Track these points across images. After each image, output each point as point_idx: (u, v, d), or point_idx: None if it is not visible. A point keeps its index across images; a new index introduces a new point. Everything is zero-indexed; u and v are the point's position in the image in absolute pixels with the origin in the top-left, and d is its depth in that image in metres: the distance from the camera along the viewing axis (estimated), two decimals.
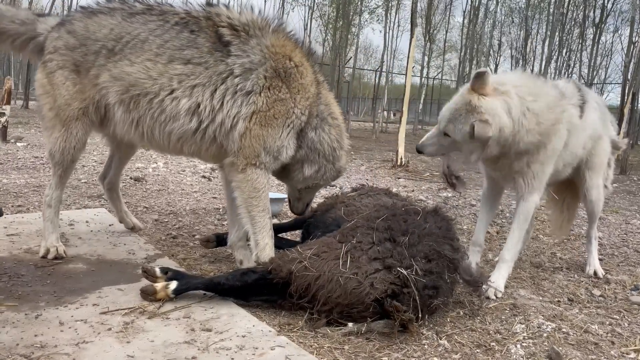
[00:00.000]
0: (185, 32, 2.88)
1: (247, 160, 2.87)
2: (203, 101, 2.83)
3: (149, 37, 2.89)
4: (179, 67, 2.84)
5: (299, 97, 2.91)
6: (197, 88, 2.83)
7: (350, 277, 2.40)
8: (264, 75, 2.85)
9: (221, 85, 2.83)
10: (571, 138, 3.21)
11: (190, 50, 2.85)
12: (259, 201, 2.92)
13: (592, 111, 3.42)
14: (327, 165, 3.13)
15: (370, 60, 49.83)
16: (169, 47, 2.86)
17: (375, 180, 8.14)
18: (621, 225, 5.68)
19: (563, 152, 3.21)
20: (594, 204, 3.71)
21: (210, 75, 2.83)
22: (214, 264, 3.30)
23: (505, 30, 33.45)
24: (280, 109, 2.87)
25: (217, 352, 2.07)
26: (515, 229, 3.25)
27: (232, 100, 2.84)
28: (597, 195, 3.68)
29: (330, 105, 3.13)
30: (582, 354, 2.40)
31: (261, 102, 2.84)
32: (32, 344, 2.02)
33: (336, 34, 24.05)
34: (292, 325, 2.43)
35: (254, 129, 2.84)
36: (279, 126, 2.88)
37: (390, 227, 2.62)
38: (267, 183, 2.95)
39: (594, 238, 3.87)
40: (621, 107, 15.46)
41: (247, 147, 2.86)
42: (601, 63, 31.38)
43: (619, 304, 3.13)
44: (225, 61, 2.83)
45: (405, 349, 2.27)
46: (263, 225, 2.94)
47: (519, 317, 2.76)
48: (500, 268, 3.21)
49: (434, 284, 2.48)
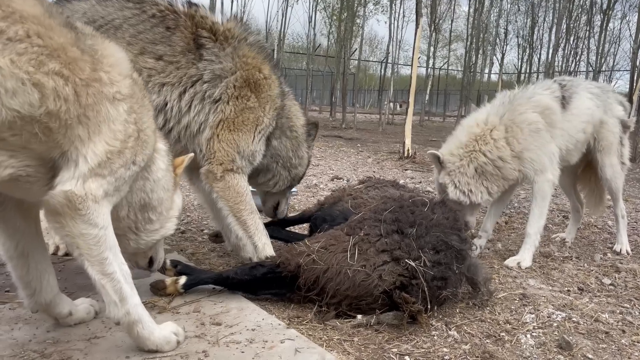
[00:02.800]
0: (160, 27, 2.78)
1: (223, 167, 2.85)
2: (170, 101, 2.78)
3: (123, 24, 2.76)
4: (150, 61, 2.75)
5: (267, 107, 2.92)
6: (167, 87, 2.77)
7: (358, 270, 2.40)
8: (234, 84, 2.82)
9: (190, 89, 2.79)
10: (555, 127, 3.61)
11: (163, 47, 2.76)
12: (245, 205, 2.91)
13: (584, 100, 3.80)
14: (283, 173, 3.20)
15: (375, 52, 49.59)
16: (141, 39, 2.76)
17: (382, 172, 8.12)
18: (631, 214, 5.63)
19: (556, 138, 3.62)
20: (610, 181, 4.00)
21: (180, 76, 2.77)
22: (223, 258, 3.31)
23: (512, 19, 33.12)
24: (249, 116, 2.86)
25: (227, 346, 2.09)
26: (535, 207, 3.64)
27: (200, 105, 2.81)
28: (612, 173, 3.98)
29: (291, 118, 3.17)
30: (593, 343, 2.39)
31: (229, 110, 2.82)
32: (45, 340, 2.05)
33: (341, 25, 23.93)
34: (302, 318, 2.44)
35: (222, 134, 2.82)
36: (249, 131, 2.87)
37: (398, 219, 2.62)
38: (248, 186, 2.95)
39: (620, 217, 4.10)
40: (630, 94, 15.31)
41: (219, 152, 2.83)
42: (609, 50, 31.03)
43: (630, 293, 3.11)
44: (197, 65, 2.78)
45: (415, 340, 2.28)
46: (255, 226, 2.94)
47: (528, 307, 2.75)
48: (526, 243, 3.60)
49: (442, 275, 2.48)
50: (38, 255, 2.05)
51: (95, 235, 1.76)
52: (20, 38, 1.53)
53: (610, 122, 3.93)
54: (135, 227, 2.11)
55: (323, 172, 7.77)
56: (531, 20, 30.33)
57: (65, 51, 1.63)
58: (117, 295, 1.84)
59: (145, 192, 2.05)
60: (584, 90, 3.86)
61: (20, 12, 1.55)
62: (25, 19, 1.56)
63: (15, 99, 1.52)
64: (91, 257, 1.78)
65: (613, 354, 2.31)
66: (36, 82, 1.55)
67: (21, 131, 1.59)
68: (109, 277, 1.81)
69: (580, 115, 3.75)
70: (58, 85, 1.59)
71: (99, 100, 1.73)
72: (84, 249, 1.77)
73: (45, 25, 1.60)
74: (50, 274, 2.09)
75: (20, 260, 2.00)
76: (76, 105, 1.65)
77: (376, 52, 48.92)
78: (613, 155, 3.97)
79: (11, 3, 1.54)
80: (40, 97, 1.56)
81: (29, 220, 2.01)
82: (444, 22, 32.12)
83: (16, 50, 1.52)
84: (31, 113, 1.57)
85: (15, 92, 1.52)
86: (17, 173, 1.67)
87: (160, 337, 1.98)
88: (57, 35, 1.62)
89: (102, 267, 1.80)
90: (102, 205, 1.76)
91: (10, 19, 1.52)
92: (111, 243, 1.81)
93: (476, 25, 25.12)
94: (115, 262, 1.83)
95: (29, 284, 2.03)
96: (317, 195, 5.55)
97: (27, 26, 1.55)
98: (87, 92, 1.69)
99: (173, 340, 2.02)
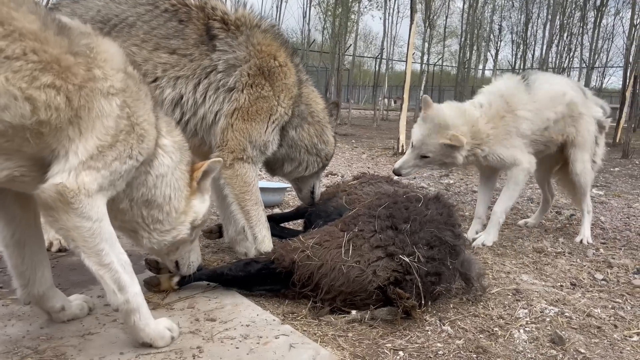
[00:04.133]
0: (173, 21, 2.80)
1: (233, 155, 2.85)
2: (186, 93, 2.79)
3: (137, 21, 2.80)
4: (164, 55, 2.77)
5: (282, 95, 2.91)
6: (181, 80, 2.78)
7: (352, 266, 2.41)
8: (247, 72, 2.82)
9: (204, 80, 2.80)
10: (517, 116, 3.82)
11: (176, 40, 2.78)
12: (251, 195, 2.91)
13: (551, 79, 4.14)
14: (311, 158, 3.18)
15: (370, 48, 49.53)
16: (155, 35, 2.78)
17: (377, 168, 8.13)
18: (623, 209, 5.67)
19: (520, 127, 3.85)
20: (580, 176, 4.14)
21: (194, 69, 2.78)
22: (217, 254, 3.31)
23: (506, 15, 33.23)
24: (262, 105, 2.85)
25: (222, 342, 2.09)
26: (505, 190, 3.96)
27: (215, 95, 2.82)
28: (581, 169, 4.12)
29: (311, 104, 3.16)
30: (585, 337, 2.41)
31: (243, 98, 2.82)
32: (39, 336, 2.04)
33: (335, 21, 23.87)
34: (296, 314, 2.44)
35: (236, 124, 2.83)
36: (263, 121, 2.87)
37: (392, 215, 2.62)
38: (256, 176, 2.95)
39: (586, 212, 4.26)
40: (623, 91, 15.38)
41: (231, 141, 2.84)
42: (602, 46, 31.15)
43: (622, 288, 3.13)
44: (210, 56, 2.79)
45: (409, 335, 2.28)
46: (258, 218, 2.94)
47: (521, 302, 2.77)
48: (491, 221, 3.94)
49: (436, 270, 2.49)
50: (34, 246, 2.06)
51: (89, 228, 1.77)
52: (17, 56, 1.57)
53: (586, 118, 4.07)
54: (144, 224, 2.12)
55: None
56: (525, 16, 30.42)
57: (58, 62, 1.66)
58: (116, 284, 1.86)
59: (147, 187, 2.05)
60: (546, 76, 4.23)
61: (20, 30, 1.58)
62: (24, 36, 1.59)
63: (7, 113, 1.57)
64: (87, 249, 1.80)
65: (605, 348, 2.32)
66: (28, 97, 1.59)
67: (13, 138, 1.62)
68: (106, 268, 1.84)
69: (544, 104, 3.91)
70: (49, 97, 1.63)
71: (92, 97, 1.74)
72: (79, 241, 1.78)
73: (41, 40, 1.63)
74: (45, 266, 2.10)
75: (16, 249, 2.01)
76: (67, 110, 1.68)
77: (371, 48, 48.89)
78: (585, 152, 4.10)
79: (13, 21, 1.57)
80: (32, 109, 1.60)
81: (28, 210, 2.02)
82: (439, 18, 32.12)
83: (12, 68, 1.56)
84: (22, 123, 1.60)
85: (8, 106, 1.56)
86: (12, 174, 1.71)
87: (155, 331, 1.99)
88: (51, 47, 1.65)
89: (99, 259, 1.82)
90: (95, 199, 1.76)
91: (10, 37, 1.56)
92: (106, 235, 1.82)
93: (470, 21, 25.14)
94: (112, 252, 1.85)
95: (22, 273, 2.04)
96: None
97: (24, 44, 1.59)
98: (80, 95, 1.71)
99: (167, 336, 2.02)
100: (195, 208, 2.25)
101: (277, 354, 2.02)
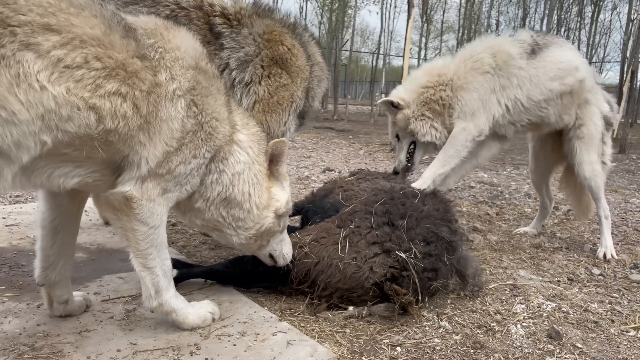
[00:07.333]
0: None
1: None
2: None
3: None
4: None
5: (299, 80, 2.91)
6: None
7: (349, 262, 2.41)
8: (261, 64, 2.81)
9: None
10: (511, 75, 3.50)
11: None
12: None
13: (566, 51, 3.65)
14: None
15: (367, 43, 49.42)
16: None
17: (374, 164, 8.13)
18: (620, 204, 5.69)
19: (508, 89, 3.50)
20: (589, 180, 3.66)
21: None
22: (214, 250, 3.31)
23: (503, 10, 33.13)
24: (284, 94, 2.85)
25: (219, 339, 2.08)
26: (440, 152, 3.64)
27: (232, 92, 2.80)
28: (590, 171, 3.65)
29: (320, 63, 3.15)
30: (582, 332, 2.41)
31: (262, 91, 2.82)
32: (35, 333, 2.03)
33: (332, 16, 23.83)
34: (293, 311, 2.44)
35: (257, 117, 2.81)
36: (284, 111, 2.87)
37: (389, 211, 2.62)
38: None
39: (603, 217, 3.72)
40: (620, 86, 15.40)
41: None
42: (600, 41, 31.17)
43: (619, 283, 3.14)
44: (220, 55, 2.77)
45: (406, 331, 2.29)
46: None
47: (519, 298, 2.77)
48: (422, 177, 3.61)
49: (433, 266, 2.48)
50: (68, 236, 2.10)
51: (144, 233, 1.88)
52: (79, 65, 1.52)
53: (594, 108, 3.69)
54: (225, 223, 2.15)
55: (315, 164, 7.77)
56: (523, 11, 30.35)
57: (124, 67, 1.63)
58: (154, 288, 1.98)
59: (223, 185, 2.07)
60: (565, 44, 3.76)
61: (80, 37, 1.53)
62: (85, 43, 1.54)
63: (71, 124, 1.54)
64: (137, 251, 1.92)
65: (602, 343, 2.33)
66: (92, 106, 1.56)
67: (81, 147, 1.62)
68: (149, 271, 1.95)
69: (555, 62, 3.55)
70: (115, 105, 1.61)
71: (159, 103, 1.74)
72: (132, 242, 1.90)
73: (105, 45, 1.59)
74: (69, 257, 2.15)
75: (50, 233, 2.05)
76: (136, 117, 1.68)
77: (368, 43, 48.79)
78: (592, 151, 3.66)
79: (72, 28, 1.52)
80: (97, 118, 1.58)
81: (74, 202, 2.06)
82: (436, 13, 32.09)
83: (73, 78, 1.51)
84: (88, 133, 1.59)
85: (71, 117, 1.53)
86: (84, 180, 1.74)
87: (195, 317, 2.12)
88: (117, 52, 1.62)
89: (145, 261, 1.93)
90: (157, 203, 1.85)
91: (69, 45, 1.51)
92: (158, 241, 1.92)
93: (468, 16, 25.10)
94: (159, 258, 1.95)
95: (48, 257, 2.07)
96: (308, 188, 5.54)
97: (86, 51, 1.54)
98: (148, 101, 1.71)
99: (209, 318, 2.16)
100: (277, 196, 2.24)
101: (275, 350, 2.02)
